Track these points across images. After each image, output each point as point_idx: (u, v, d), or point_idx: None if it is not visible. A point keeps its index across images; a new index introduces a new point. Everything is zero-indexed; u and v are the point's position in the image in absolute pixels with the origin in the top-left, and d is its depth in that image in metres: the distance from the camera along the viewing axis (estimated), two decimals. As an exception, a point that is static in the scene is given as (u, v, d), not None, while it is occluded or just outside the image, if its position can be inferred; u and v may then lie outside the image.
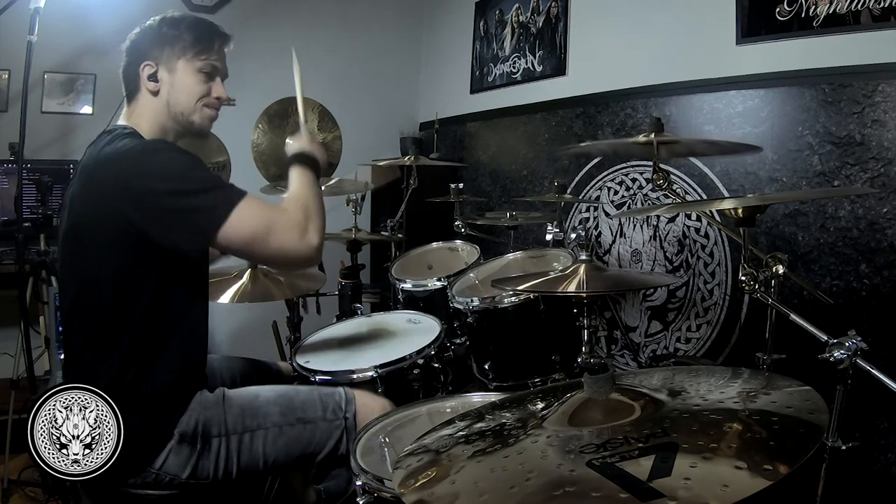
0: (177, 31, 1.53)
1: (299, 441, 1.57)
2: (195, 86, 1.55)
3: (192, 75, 1.55)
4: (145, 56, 1.52)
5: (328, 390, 1.68)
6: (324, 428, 1.59)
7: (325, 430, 1.59)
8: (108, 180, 1.36)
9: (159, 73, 1.53)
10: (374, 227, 3.92)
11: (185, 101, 1.55)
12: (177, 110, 1.55)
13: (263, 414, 1.55)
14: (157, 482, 1.39)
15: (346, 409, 1.62)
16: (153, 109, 1.54)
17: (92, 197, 1.38)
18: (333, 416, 1.61)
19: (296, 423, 1.57)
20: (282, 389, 1.67)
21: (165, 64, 1.53)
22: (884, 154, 2.03)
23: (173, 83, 1.53)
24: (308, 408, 1.60)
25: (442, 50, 4.41)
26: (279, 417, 1.55)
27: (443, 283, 2.26)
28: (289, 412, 1.57)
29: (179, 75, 1.54)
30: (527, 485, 0.82)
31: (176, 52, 1.53)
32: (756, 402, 0.96)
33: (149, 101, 1.54)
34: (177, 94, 1.54)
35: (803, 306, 2.15)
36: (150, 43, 1.53)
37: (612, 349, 3.01)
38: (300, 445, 1.57)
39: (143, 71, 1.52)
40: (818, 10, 2.16)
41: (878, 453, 2.05)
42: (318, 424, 1.59)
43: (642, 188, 2.86)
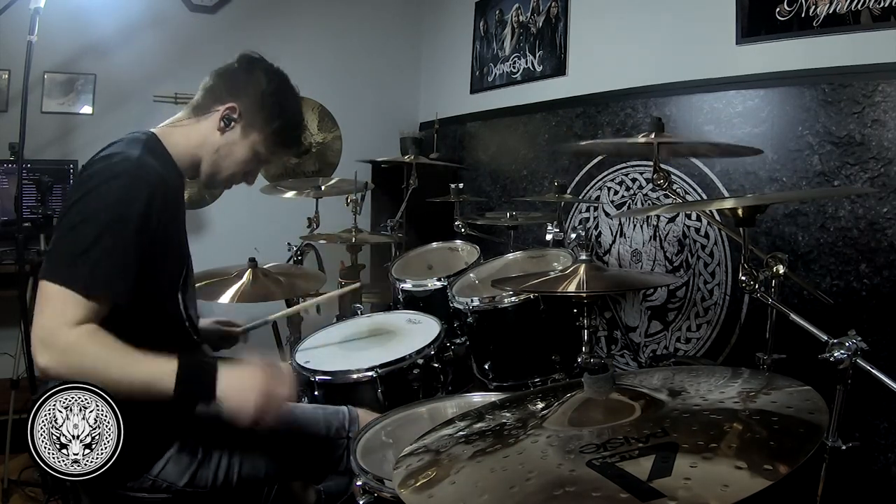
0: (276, 113, 1.50)
1: (300, 457, 1.57)
2: (247, 161, 1.52)
3: (250, 150, 1.51)
4: (240, 98, 1.48)
5: (332, 409, 1.68)
6: (326, 446, 1.60)
7: (328, 448, 1.60)
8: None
9: (236, 122, 1.48)
10: (374, 227, 3.93)
11: (229, 164, 1.51)
12: (218, 162, 1.50)
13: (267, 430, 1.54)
14: (153, 488, 1.39)
15: (350, 429, 1.63)
16: (203, 139, 1.49)
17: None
18: (337, 434, 1.62)
19: (298, 439, 1.57)
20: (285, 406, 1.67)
21: (247, 122, 1.49)
22: (884, 154, 2.03)
23: (236, 143, 1.49)
24: (311, 426, 1.61)
25: (442, 50, 4.40)
26: (283, 434, 1.55)
27: (443, 283, 2.26)
28: (293, 429, 1.57)
29: (246, 142, 1.50)
30: (527, 485, 0.82)
31: (261, 125, 1.49)
32: (756, 402, 0.96)
33: (206, 132, 1.49)
34: (229, 152, 1.50)
35: (803, 306, 2.14)
36: (252, 96, 1.49)
37: (612, 349, 3.00)
38: (301, 461, 1.58)
39: (225, 108, 1.47)
40: (818, 10, 2.16)
41: (878, 453, 2.05)
42: (321, 442, 1.60)
43: (642, 188, 2.86)
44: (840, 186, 2.14)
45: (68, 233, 1.26)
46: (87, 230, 1.23)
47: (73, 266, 1.21)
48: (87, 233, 1.23)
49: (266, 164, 1.59)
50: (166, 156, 1.45)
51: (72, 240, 1.24)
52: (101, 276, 1.22)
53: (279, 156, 1.58)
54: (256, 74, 1.50)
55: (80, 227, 1.24)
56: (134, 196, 1.28)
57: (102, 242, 1.23)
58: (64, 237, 1.26)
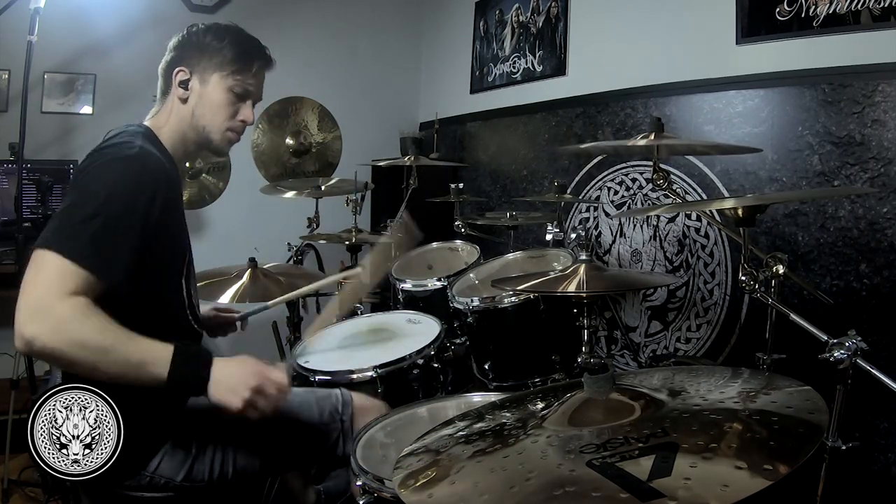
0: (219, 43, 1.49)
1: (295, 444, 1.57)
2: (223, 104, 1.50)
3: (223, 92, 1.50)
4: (181, 61, 1.49)
5: (325, 392, 1.67)
6: (321, 431, 1.59)
7: (322, 433, 1.59)
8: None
9: (191, 81, 1.49)
10: (374, 227, 3.93)
11: (210, 117, 1.50)
12: (200, 123, 1.51)
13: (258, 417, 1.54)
14: (151, 485, 1.39)
15: (343, 412, 1.62)
16: (178, 116, 1.50)
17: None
18: (330, 418, 1.60)
19: (292, 426, 1.56)
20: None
21: (199, 74, 1.49)
22: (884, 154, 2.03)
23: (202, 95, 1.49)
24: (304, 410, 1.59)
25: (442, 50, 4.40)
26: (275, 421, 1.54)
27: (443, 283, 2.26)
28: (285, 415, 1.56)
29: (210, 89, 1.49)
30: (527, 485, 0.82)
31: (213, 64, 1.49)
32: (756, 402, 0.96)
33: (175, 107, 1.50)
34: (203, 108, 1.49)
35: (803, 306, 2.14)
36: (189, 49, 1.50)
37: (612, 349, 3.00)
38: (296, 448, 1.57)
39: (176, 76, 1.48)
40: (818, 10, 2.16)
41: (878, 453, 2.05)
42: (315, 427, 1.58)
43: (642, 188, 2.86)
44: (840, 186, 2.14)
45: (70, 206, 1.25)
46: (90, 205, 1.22)
47: (71, 236, 1.19)
48: (89, 207, 1.22)
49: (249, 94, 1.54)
50: (162, 146, 1.47)
51: (73, 212, 1.23)
52: (99, 248, 1.19)
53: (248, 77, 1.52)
54: (185, 37, 1.52)
55: (82, 203, 1.23)
56: (139, 182, 1.29)
57: (104, 216, 1.21)
58: (65, 210, 1.25)
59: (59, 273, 1.16)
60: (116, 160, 1.30)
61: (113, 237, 1.22)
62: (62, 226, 1.22)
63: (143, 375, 1.20)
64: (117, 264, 1.23)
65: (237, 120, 1.54)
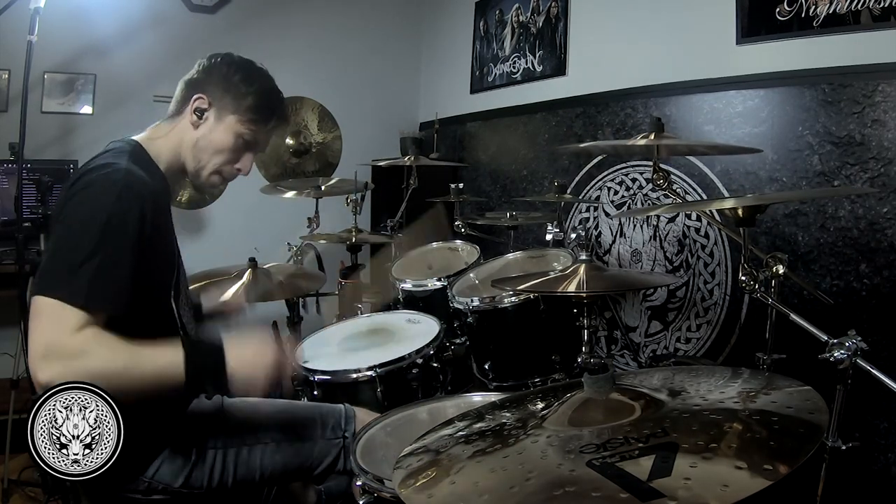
0: (246, 88, 1.48)
1: (297, 457, 1.57)
2: (229, 147, 1.49)
3: (233, 136, 1.49)
4: (205, 89, 1.47)
5: (329, 407, 1.67)
6: (322, 446, 1.59)
7: (324, 448, 1.59)
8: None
9: (208, 112, 1.48)
10: (374, 227, 3.93)
11: (210, 154, 1.49)
12: (199, 155, 1.49)
13: (262, 429, 1.54)
14: (150, 490, 1.39)
15: (346, 428, 1.62)
16: (181, 136, 1.49)
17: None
18: (333, 434, 1.61)
19: (294, 439, 1.57)
20: (281, 405, 1.66)
21: (218, 109, 1.48)
22: (884, 154, 2.03)
23: (213, 130, 1.48)
24: (308, 425, 1.60)
25: (442, 50, 4.40)
26: (277, 434, 1.55)
27: (443, 283, 2.26)
28: (288, 428, 1.57)
29: (223, 127, 1.48)
30: (527, 485, 0.82)
31: (233, 105, 1.48)
32: (756, 402, 0.96)
33: (183, 126, 1.49)
34: (208, 142, 1.48)
35: (803, 306, 2.14)
36: (216, 79, 1.48)
37: (612, 349, 3.00)
38: (297, 461, 1.57)
39: (194, 101, 1.47)
40: (818, 10, 2.16)
41: (878, 453, 2.05)
42: (317, 442, 1.59)
43: (642, 188, 2.86)
44: (840, 186, 2.14)
45: (61, 246, 1.23)
46: (82, 243, 1.21)
47: (69, 280, 1.18)
48: (83, 245, 1.21)
49: (255, 146, 1.54)
50: (151, 164, 1.45)
51: (66, 252, 1.22)
52: (98, 287, 1.19)
53: (262, 131, 1.52)
54: (218, 65, 1.50)
55: (73, 241, 1.22)
56: (128, 207, 1.26)
57: (100, 255, 1.20)
58: (57, 251, 1.24)
59: (63, 317, 1.17)
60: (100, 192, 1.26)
61: (110, 272, 1.21)
62: (58, 269, 1.21)
63: (164, 384, 1.22)
64: (119, 297, 1.23)
65: (234, 167, 1.54)
